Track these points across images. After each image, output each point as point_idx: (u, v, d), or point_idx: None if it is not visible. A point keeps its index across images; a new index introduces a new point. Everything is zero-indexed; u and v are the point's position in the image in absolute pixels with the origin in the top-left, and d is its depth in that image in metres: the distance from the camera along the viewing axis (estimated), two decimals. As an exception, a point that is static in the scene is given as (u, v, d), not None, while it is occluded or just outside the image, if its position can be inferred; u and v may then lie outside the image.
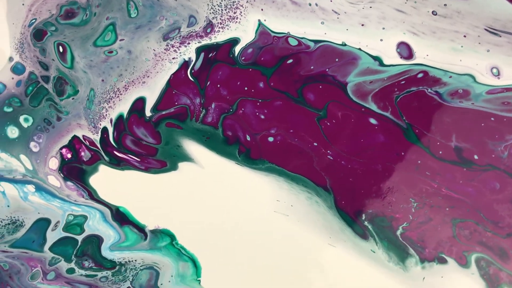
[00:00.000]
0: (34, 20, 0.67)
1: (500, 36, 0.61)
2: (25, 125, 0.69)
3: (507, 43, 0.62)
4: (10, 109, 0.69)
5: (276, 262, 0.69)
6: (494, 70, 0.61)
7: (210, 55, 0.66)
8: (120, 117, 0.68)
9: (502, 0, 0.62)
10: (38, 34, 0.67)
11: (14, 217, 0.71)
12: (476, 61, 0.61)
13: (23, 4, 0.67)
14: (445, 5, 0.62)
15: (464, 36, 0.61)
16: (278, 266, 0.70)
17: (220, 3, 0.65)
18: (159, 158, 0.69)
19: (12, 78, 0.68)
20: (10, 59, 0.68)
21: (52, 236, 0.71)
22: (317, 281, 0.69)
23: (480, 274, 0.65)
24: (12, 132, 0.69)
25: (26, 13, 0.67)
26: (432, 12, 0.62)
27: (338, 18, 0.63)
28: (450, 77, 0.62)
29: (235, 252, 0.70)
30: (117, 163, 0.69)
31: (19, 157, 0.70)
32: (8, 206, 0.71)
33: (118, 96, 0.68)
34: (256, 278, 0.71)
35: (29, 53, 0.68)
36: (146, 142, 0.68)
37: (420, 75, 0.63)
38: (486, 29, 0.61)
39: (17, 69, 0.68)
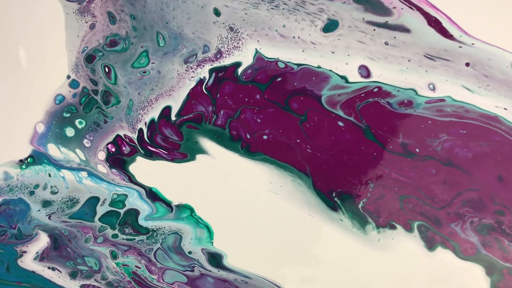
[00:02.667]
0: (86, 48, 0.71)
1: (435, 61, 0.64)
2: (79, 126, 0.73)
3: (440, 66, 0.64)
4: (68, 115, 0.72)
5: (270, 227, 0.72)
6: (431, 86, 0.65)
7: (219, 74, 0.69)
8: (152, 120, 0.71)
9: (436, 34, 0.63)
10: (89, 58, 0.71)
11: (71, 196, 0.75)
12: (417, 79, 0.65)
13: (78, 36, 0.71)
14: (394, 37, 0.64)
15: (409, 60, 0.64)
16: (271, 230, 0.72)
17: (227, 36, 0.67)
18: (182, 151, 0.72)
19: (70, 91, 0.72)
20: (68, 77, 0.72)
21: (101, 210, 0.75)
22: (300, 240, 0.72)
23: (420, 237, 0.69)
24: (70, 132, 0.73)
25: (80, 43, 0.71)
26: (385, 42, 0.64)
27: (314, 47, 0.66)
28: (398, 91, 0.65)
29: (239, 220, 0.73)
30: (150, 155, 0.73)
31: (75, 151, 0.74)
32: (67, 187, 0.75)
33: (150, 105, 0.71)
34: (255, 239, 0.73)
35: (82, 73, 0.71)
36: (171, 139, 0.71)
37: (375, 90, 0.66)
38: (425, 56, 0.64)
39: (73, 85, 0.72)
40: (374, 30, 0.64)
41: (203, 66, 0.69)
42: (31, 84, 0.73)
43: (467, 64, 0.64)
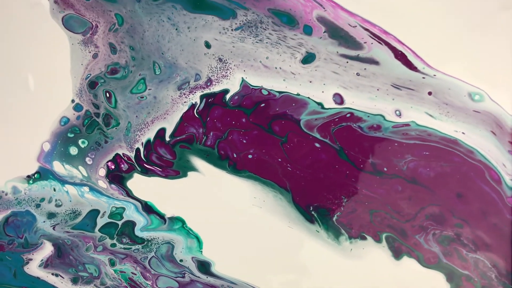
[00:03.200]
0: (89, 75, 0.71)
1: (401, 90, 0.67)
2: (82, 146, 0.73)
3: (405, 94, 0.66)
4: (72, 135, 0.72)
5: (254, 238, 0.72)
6: (397, 112, 0.67)
7: (209, 100, 0.70)
8: (148, 141, 0.72)
9: (402, 66, 0.66)
10: (92, 84, 0.71)
11: (74, 208, 0.74)
12: (385, 106, 0.67)
13: (81, 64, 0.71)
14: (365, 69, 0.66)
15: (377, 89, 0.67)
16: (255, 240, 0.73)
17: (217, 66, 0.69)
18: (175, 169, 0.72)
19: (74, 114, 0.72)
20: (73, 101, 0.72)
21: (101, 221, 0.74)
22: (281, 250, 0.72)
23: (388, 247, 0.70)
24: (73, 150, 0.73)
25: (83, 70, 0.71)
26: (356, 73, 0.67)
27: (294, 77, 0.68)
28: (368, 116, 0.68)
29: (226, 231, 0.73)
30: (146, 172, 0.72)
31: (78, 168, 0.73)
32: (70, 201, 0.74)
33: (147, 127, 0.71)
34: (241, 248, 0.73)
35: (85, 97, 0.72)
36: (165, 158, 0.72)
37: (348, 115, 0.68)
38: (392, 85, 0.67)
39: (77, 108, 0.72)
40: (347, 62, 0.67)
41: (195, 92, 0.70)
42: (38, 107, 0.73)
43: (430, 93, 0.66)
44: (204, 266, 0.74)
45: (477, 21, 0.66)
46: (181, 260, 0.74)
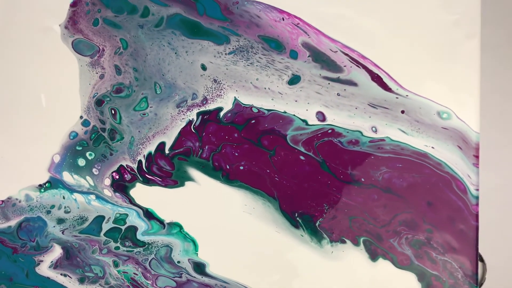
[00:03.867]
0: (96, 94, 0.71)
1: (377, 109, 0.68)
2: (89, 158, 0.73)
3: (381, 113, 0.67)
4: (80, 148, 0.72)
5: (244, 241, 0.72)
6: (373, 128, 0.68)
7: (205, 117, 0.70)
8: (149, 153, 0.72)
9: (378, 88, 0.67)
10: (99, 102, 0.72)
11: (81, 215, 0.74)
12: (363, 123, 0.68)
13: (89, 84, 0.72)
14: (345, 90, 0.68)
15: (356, 108, 0.68)
16: (246, 244, 0.72)
17: (212, 86, 0.70)
18: (173, 179, 0.72)
19: (82, 129, 0.72)
20: (81, 117, 0.72)
21: (106, 226, 0.74)
22: (269, 252, 0.72)
23: (365, 250, 0.70)
24: (81, 162, 0.73)
25: (91, 89, 0.72)
26: (337, 94, 0.68)
27: (281, 96, 0.69)
28: (347, 132, 0.69)
29: (219, 235, 0.72)
30: (147, 182, 0.72)
31: (85, 178, 0.73)
32: (78, 207, 0.74)
33: (148, 141, 0.71)
34: (233, 251, 0.72)
35: (93, 114, 0.72)
36: (165, 169, 0.71)
37: (329, 131, 0.69)
38: (369, 104, 0.68)
39: (85, 124, 0.72)
40: (329, 83, 0.68)
41: (192, 110, 0.70)
42: (50, 122, 0.73)
43: (403, 112, 0.67)
44: (199, 267, 0.73)
45: (445, 48, 0.67)
46: (178, 262, 0.74)
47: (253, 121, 0.70)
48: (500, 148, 0.97)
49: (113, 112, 0.72)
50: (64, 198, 0.74)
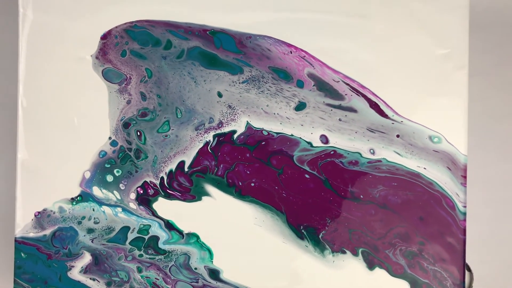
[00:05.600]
0: (123, 117, 0.72)
1: (375, 133, 0.69)
2: (117, 174, 0.73)
3: (378, 136, 0.69)
4: (108, 165, 0.73)
5: (255, 251, 0.72)
6: (371, 150, 0.70)
7: (220, 138, 0.71)
8: (170, 171, 0.72)
9: (376, 114, 0.69)
10: (126, 125, 0.72)
11: (109, 225, 0.74)
12: (362, 145, 0.70)
13: (117, 108, 0.72)
14: (345, 115, 0.69)
15: (356, 132, 0.69)
16: (256, 253, 0.72)
17: (227, 111, 0.71)
18: (192, 194, 0.72)
19: (110, 149, 0.73)
20: (109, 138, 0.72)
21: (131, 236, 0.74)
22: (277, 261, 0.72)
23: (363, 259, 0.71)
24: (109, 178, 0.73)
25: (119, 113, 0.72)
26: (339, 119, 0.69)
27: (289, 121, 0.70)
28: (348, 153, 0.70)
29: (233, 245, 0.72)
30: (168, 196, 0.72)
31: (113, 192, 0.73)
32: (106, 219, 0.74)
33: (169, 160, 0.72)
34: (245, 259, 0.72)
35: (120, 135, 0.72)
36: (184, 185, 0.72)
37: (332, 152, 0.70)
38: (367, 129, 0.70)
39: (113, 144, 0.73)
40: (331, 110, 0.70)
41: (209, 132, 0.71)
42: (82, 142, 0.73)
43: (398, 136, 0.70)
44: (214, 274, 0.73)
45: (437, 78, 0.70)
46: (195, 268, 0.74)
47: (263, 143, 0.71)
48: (487, 166, 0.96)
49: (138, 133, 0.73)
50: (93, 210, 0.74)
